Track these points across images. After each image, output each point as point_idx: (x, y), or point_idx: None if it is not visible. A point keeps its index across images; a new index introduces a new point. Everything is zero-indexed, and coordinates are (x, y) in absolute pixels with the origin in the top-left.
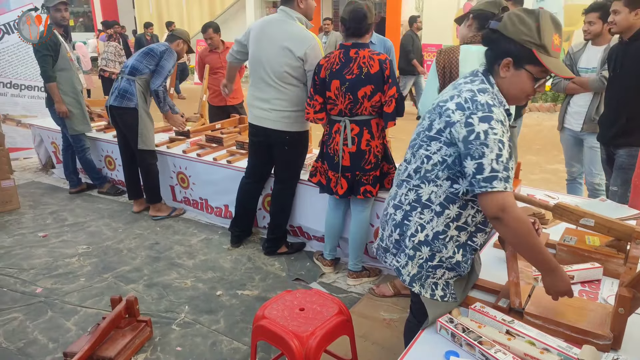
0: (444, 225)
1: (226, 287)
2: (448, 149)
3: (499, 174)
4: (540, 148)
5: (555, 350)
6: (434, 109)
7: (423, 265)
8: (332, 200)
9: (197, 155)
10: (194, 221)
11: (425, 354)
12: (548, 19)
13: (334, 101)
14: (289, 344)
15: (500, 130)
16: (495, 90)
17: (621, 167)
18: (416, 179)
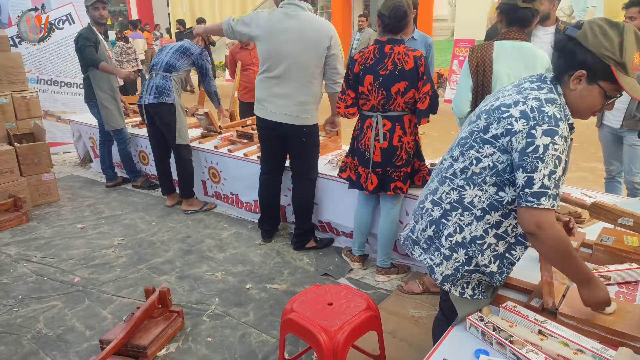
0: (483, 230)
1: (255, 281)
2: (502, 156)
3: (549, 191)
4: (577, 145)
5: (589, 352)
6: (493, 112)
7: (459, 268)
8: (361, 196)
9: (228, 151)
10: (224, 215)
11: (455, 351)
12: (632, 35)
13: (367, 96)
14: (317, 338)
15: (561, 147)
16: (562, 101)
17: None
18: (461, 179)
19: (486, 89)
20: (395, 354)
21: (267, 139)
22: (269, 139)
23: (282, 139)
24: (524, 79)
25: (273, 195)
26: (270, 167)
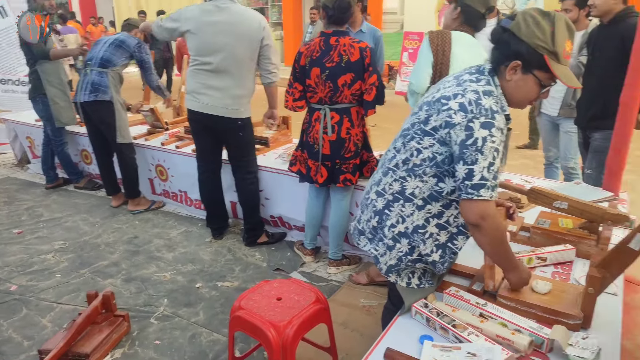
0: (424, 220)
1: (206, 279)
2: (441, 147)
3: (488, 182)
4: (520, 134)
5: (526, 331)
6: (433, 104)
7: (402, 258)
8: (312, 189)
9: (175, 147)
10: (173, 214)
11: (401, 338)
12: (563, 24)
13: (314, 89)
14: (266, 334)
15: (498, 139)
16: (499, 93)
17: (596, 150)
18: (403, 170)
19: (444, 68)
20: (347, 345)
21: (200, 132)
22: (202, 133)
23: (216, 133)
24: (465, 70)
25: (215, 192)
26: (207, 163)
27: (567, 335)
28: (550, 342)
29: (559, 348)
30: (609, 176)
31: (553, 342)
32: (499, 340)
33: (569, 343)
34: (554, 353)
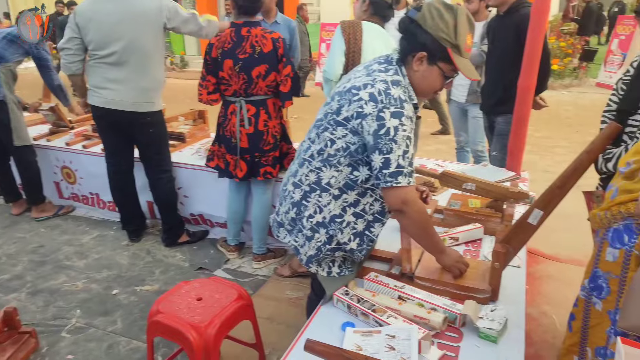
0: (341, 209)
1: (123, 285)
2: (353, 137)
3: (404, 169)
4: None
5: (441, 309)
6: (344, 94)
7: (321, 248)
8: (232, 184)
9: (82, 147)
10: (85, 218)
11: (324, 328)
12: (465, 18)
13: (228, 81)
14: (186, 336)
15: (409, 127)
16: (406, 83)
17: (500, 133)
18: (318, 161)
19: (356, 56)
20: (275, 338)
21: (107, 130)
22: (109, 130)
23: (125, 129)
24: (374, 59)
25: (128, 193)
26: (118, 162)
27: (477, 309)
28: (463, 317)
29: (471, 322)
30: (511, 157)
31: (465, 317)
32: (416, 320)
33: (479, 316)
34: (467, 327)
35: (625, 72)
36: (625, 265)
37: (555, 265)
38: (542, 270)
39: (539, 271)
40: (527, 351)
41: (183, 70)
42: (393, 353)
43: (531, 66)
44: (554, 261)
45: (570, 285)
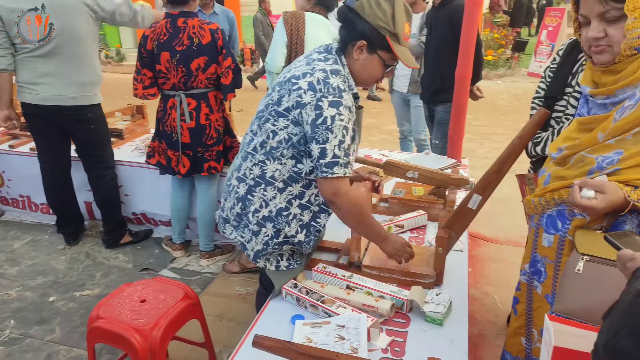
0: (287, 202)
1: (61, 291)
2: (295, 128)
3: (340, 159)
4: (378, 111)
5: (388, 296)
6: (284, 84)
7: (269, 242)
8: (174, 180)
9: (9, 147)
10: (15, 223)
11: (273, 321)
12: (402, 7)
13: (166, 75)
14: (130, 341)
15: (347, 117)
16: (346, 72)
17: (440, 122)
18: (261, 154)
19: (299, 48)
20: (225, 335)
21: (41, 128)
22: (44, 129)
23: (62, 127)
24: (315, 49)
25: (65, 193)
26: (53, 161)
27: (423, 294)
28: (410, 302)
29: (417, 307)
30: (451, 145)
31: (412, 302)
32: (365, 309)
33: (425, 301)
34: (414, 312)
35: (552, 60)
36: (560, 250)
37: (495, 247)
38: (483, 253)
39: (480, 254)
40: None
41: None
42: (343, 342)
43: (467, 56)
44: (494, 243)
45: (510, 265)
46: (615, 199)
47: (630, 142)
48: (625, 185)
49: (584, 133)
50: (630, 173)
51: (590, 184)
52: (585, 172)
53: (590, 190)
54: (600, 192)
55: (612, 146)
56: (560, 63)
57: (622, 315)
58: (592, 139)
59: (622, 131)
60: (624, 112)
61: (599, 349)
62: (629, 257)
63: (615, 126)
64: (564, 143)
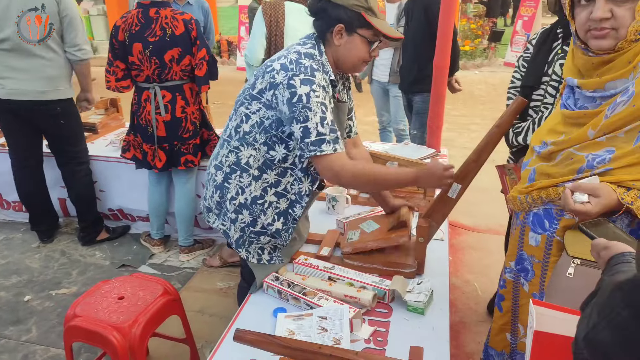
0: (262, 189)
1: (36, 290)
2: (267, 112)
3: (327, 136)
4: (358, 103)
5: (370, 286)
6: (261, 68)
7: (245, 229)
8: (152, 175)
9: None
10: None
11: (255, 315)
12: None
13: (139, 67)
14: (108, 339)
15: (322, 94)
16: (323, 59)
17: (418, 112)
18: (236, 140)
19: (279, 40)
20: (207, 330)
21: (11, 123)
22: (14, 124)
23: (32, 121)
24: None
25: (38, 190)
26: (24, 157)
27: (405, 283)
28: (391, 292)
29: (399, 296)
30: (431, 135)
31: (394, 292)
32: (347, 300)
33: (407, 290)
34: (396, 302)
35: (525, 49)
36: (547, 250)
37: (475, 235)
38: (463, 242)
39: (461, 242)
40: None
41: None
42: (325, 334)
43: (444, 45)
44: (474, 232)
45: (490, 253)
46: (608, 202)
47: (622, 140)
48: (617, 187)
49: (571, 127)
50: (623, 173)
51: (582, 188)
52: (575, 170)
53: (584, 194)
54: (594, 196)
55: (603, 144)
56: (534, 52)
57: (600, 309)
58: (582, 136)
59: (613, 128)
60: (616, 107)
61: (579, 342)
62: (602, 245)
63: (607, 123)
64: (549, 137)
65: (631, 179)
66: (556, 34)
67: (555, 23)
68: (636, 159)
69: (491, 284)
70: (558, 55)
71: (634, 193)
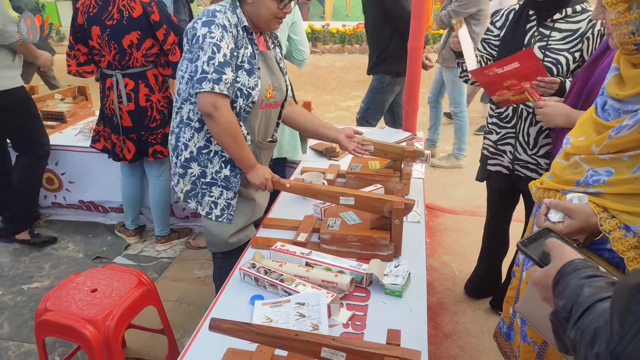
0: (205, 140)
1: (7, 285)
2: (191, 65)
3: (208, 75)
4: (335, 87)
5: (347, 270)
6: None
7: (196, 182)
8: (124, 166)
9: None
10: None
11: (232, 303)
12: None
13: (99, 52)
14: (82, 332)
15: (218, 35)
16: (238, 12)
17: (370, 88)
18: (179, 102)
19: None
20: (186, 320)
21: None
22: None
23: None
24: None
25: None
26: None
27: (382, 267)
28: (369, 276)
29: (377, 280)
30: (406, 118)
31: (371, 275)
32: (325, 285)
33: (384, 273)
34: (373, 285)
35: (487, 30)
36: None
37: (451, 217)
38: (440, 224)
39: (438, 224)
40: (430, 300)
41: (60, 44)
42: (303, 320)
43: (419, 28)
44: (450, 214)
45: (466, 234)
46: (584, 226)
47: (624, 165)
48: (602, 211)
49: (592, 131)
50: (613, 202)
51: (560, 207)
52: (574, 181)
53: (558, 213)
54: (569, 217)
55: (606, 162)
56: (508, 33)
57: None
58: (588, 148)
59: (615, 150)
60: (621, 130)
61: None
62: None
63: (609, 143)
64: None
65: (618, 208)
66: (528, 15)
67: (523, 4)
68: (629, 189)
69: (468, 265)
70: (535, 37)
71: (615, 222)
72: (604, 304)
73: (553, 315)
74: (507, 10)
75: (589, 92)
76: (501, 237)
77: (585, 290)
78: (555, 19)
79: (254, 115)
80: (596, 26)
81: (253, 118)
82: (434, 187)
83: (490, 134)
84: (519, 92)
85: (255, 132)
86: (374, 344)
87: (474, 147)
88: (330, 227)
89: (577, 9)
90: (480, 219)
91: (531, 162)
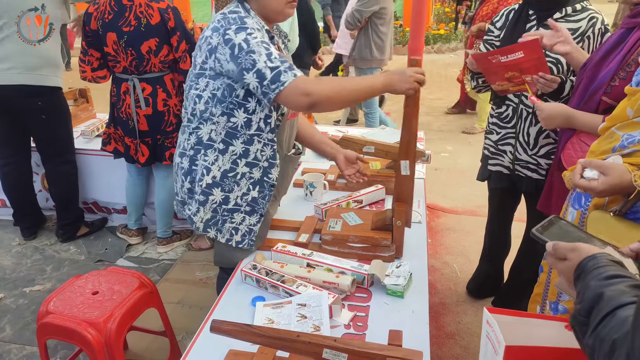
0: (232, 162)
1: (9, 288)
2: (215, 82)
3: (280, 68)
4: None
5: (349, 271)
6: (197, 43)
7: (217, 209)
8: (132, 168)
9: None
10: None
11: (234, 305)
12: None
13: (115, 57)
14: (84, 335)
15: (259, 35)
16: (252, 14)
17: None
18: (195, 123)
19: None
20: (187, 322)
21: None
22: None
23: (12, 114)
24: None
25: (24, 187)
26: (10, 153)
27: (383, 267)
28: (370, 276)
29: (378, 280)
30: None
31: (373, 276)
32: (326, 286)
33: (386, 274)
34: (375, 286)
35: (488, 31)
36: (580, 226)
37: (453, 217)
38: (442, 224)
39: (439, 225)
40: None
41: None
42: (305, 321)
43: (419, 31)
44: (451, 214)
45: (468, 234)
46: (618, 182)
47: None
48: (637, 169)
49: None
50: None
51: (593, 164)
52: (609, 149)
53: (593, 170)
54: (603, 174)
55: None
56: (508, 34)
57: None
58: (622, 113)
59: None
60: None
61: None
62: (568, 248)
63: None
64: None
65: None
66: (528, 15)
67: (522, 4)
68: None
69: (470, 265)
70: None
71: None
72: (625, 311)
73: (572, 319)
74: (506, 10)
75: (592, 94)
76: (503, 236)
77: (606, 294)
78: (555, 19)
79: (281, 127)
80: (597, 25)
81: (281, 131)
82: (435, 187)
83: (491, 134)
84: (519, 83)
85: (283, 146)
86: (376, 345)
87: (474, 146)
88: (331, 228)
89: (577, 8)
90: (481, 219)
91: (531, 162)
